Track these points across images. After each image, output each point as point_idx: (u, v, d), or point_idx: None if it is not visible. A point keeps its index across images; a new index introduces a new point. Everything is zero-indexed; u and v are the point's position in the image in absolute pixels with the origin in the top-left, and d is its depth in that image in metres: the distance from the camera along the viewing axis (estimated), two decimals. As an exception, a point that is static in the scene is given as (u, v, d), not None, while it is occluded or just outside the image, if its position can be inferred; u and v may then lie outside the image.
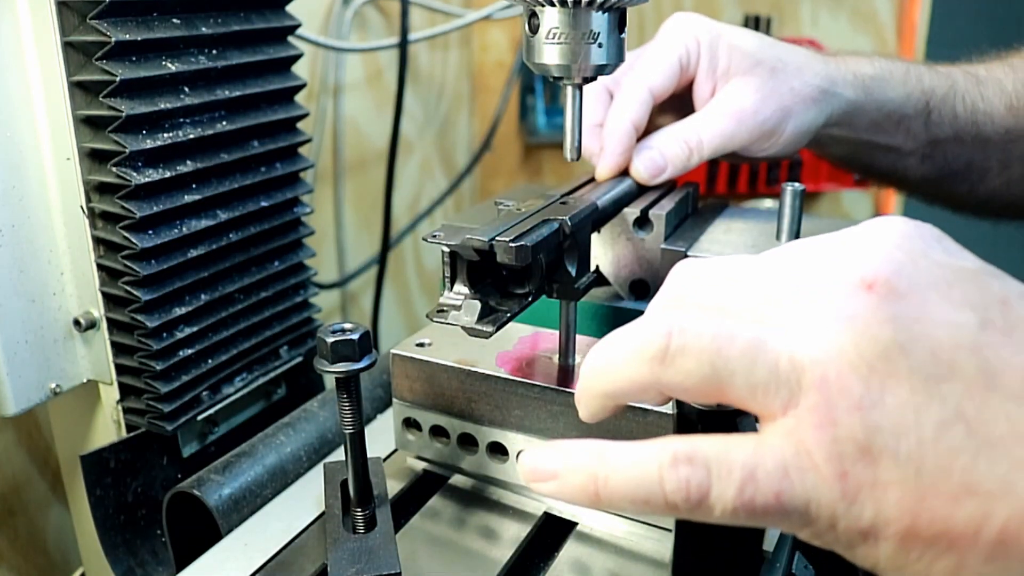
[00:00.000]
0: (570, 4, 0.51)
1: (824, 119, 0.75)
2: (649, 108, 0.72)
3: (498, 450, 0.60)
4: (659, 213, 0.67)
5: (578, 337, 0.60)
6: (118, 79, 0.63)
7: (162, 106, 0.67)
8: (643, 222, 0.68)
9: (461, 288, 0.52)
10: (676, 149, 0.70)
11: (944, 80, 0.82)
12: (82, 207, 0.68)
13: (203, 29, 0.70)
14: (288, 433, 0.72)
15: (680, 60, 0.72)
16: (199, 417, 0.76)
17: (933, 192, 0.92)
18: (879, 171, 0.89)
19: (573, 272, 0.56)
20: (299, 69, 0.83)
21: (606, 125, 0.71)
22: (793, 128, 0.73)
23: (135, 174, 0.65)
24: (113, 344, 0.72)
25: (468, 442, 0.61)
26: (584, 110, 0.71)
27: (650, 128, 0.73)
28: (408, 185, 1.63)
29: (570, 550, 0.56)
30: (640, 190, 0.71)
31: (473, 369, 0.59)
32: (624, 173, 0.71)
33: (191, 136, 0.70)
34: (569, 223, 0.54)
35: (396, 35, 1.33)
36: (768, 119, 0.71)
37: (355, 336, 0.48)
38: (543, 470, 0.38)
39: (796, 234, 0.68)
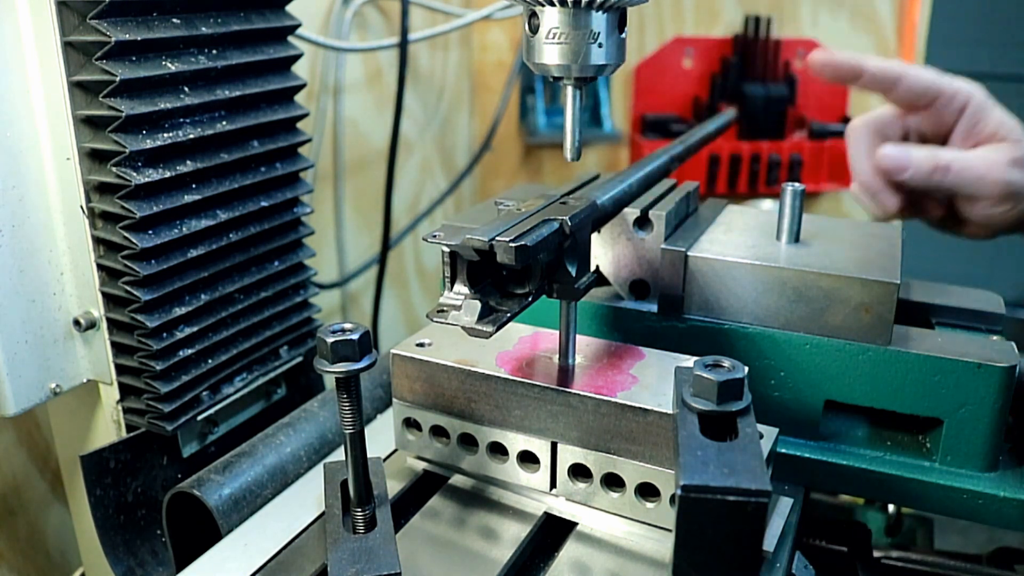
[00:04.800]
0: (570, 4, 0.51)
1: None
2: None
3: (498, 450, 0.60)
4: (659, 213, 0.67)
5: (578, 337, 0.60)
6: (118, 79, 0.63)
7: (162, 106, 0.67)
8: (643, 222, 0.68)
9: (461, 288, 0.52)
10: (922, 157, 0.79)
11: None
12: (82, 207, 0.68)
13: (203, 29, 0.70)
14: (288, 433, 0.72)
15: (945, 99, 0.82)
16: (199, 417, 0.76)
17: None
18: None
19: (573, 272, 0.56)
20: (299, 69, 0.83)
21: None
22: None
23: (135, 174, 0.65)
24: (113, 344, 0.72)
25: (468, 442, 0.61)
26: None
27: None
28: (408, 185, 1.63)
29: (570, 550, 0.56)
30: (640, 190, 0.71)
31: (473, 369, 0.59)
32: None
33: (191, 136, 0.70)
34: (569, 223, 0.54)
35: (396, 35, 1.33)
36: (1013, 183, 0.79)
37: (355, 336, 0.48)
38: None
39: (796, 234, 0.68)
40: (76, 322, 0.71)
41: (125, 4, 0.64)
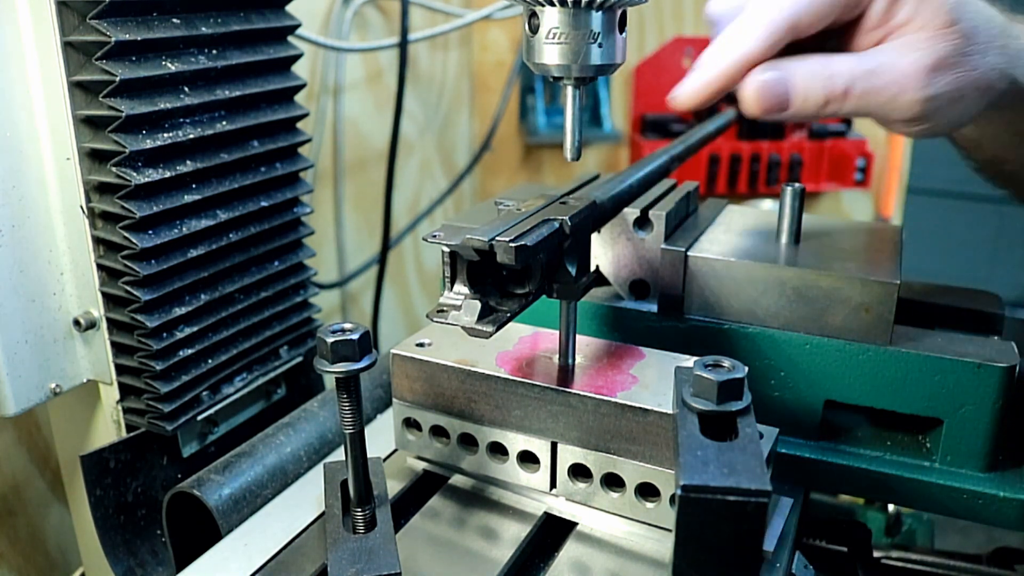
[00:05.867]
0: (570, 4, 0.51)
1: (986, 106, 0.60)
2: (779, 47, 0.56)
3: (498, 450, 0.60)
4: (659, 213, 0.67)
5: (578, 337, 0.60)
6: (118, 79, 0.63)
7: (162, 106, 0.67)
8: (643, 222, 0.68)
9: (461, 288, 0.52)
10: (814, 86, 0.55)
11: None
12: (82, 207, 0.68)
13: (203, 29, 0.70)
14: (288, 433, 0.72)
15: None
16: (199, 417, 0.76)
17: None
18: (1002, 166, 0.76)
19: (573, 272, 0.56)
20: (299, 69, 0.83)
21: (710, 49, 0.57)
22: (956, 116, 0.58)
23: (135, 174, 0.65)
24: (113, 344, 0.72)
25: (468, 442, 0.61)
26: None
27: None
28: (408, 185, 1.63)
29: (570, 550, 0.56)
30: (640, 190, 0.71)
31: (473, 369, 0.59)
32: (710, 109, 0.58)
33: (191, 136, 0.70)
34: (569, 223, 0.54)
35: (396, 35, 1.33)
36: (936, 98, 0.56)
37: (355, 336, 0.48)
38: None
39: (796, 234, 0.68)
40: (76, 322, 0.71)
41: (125, 4, 0.64)
